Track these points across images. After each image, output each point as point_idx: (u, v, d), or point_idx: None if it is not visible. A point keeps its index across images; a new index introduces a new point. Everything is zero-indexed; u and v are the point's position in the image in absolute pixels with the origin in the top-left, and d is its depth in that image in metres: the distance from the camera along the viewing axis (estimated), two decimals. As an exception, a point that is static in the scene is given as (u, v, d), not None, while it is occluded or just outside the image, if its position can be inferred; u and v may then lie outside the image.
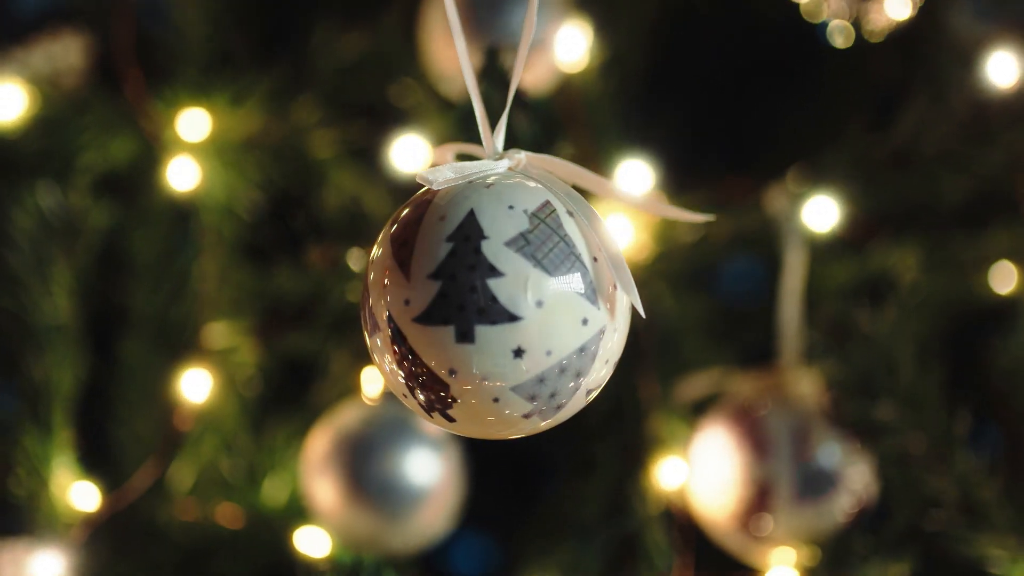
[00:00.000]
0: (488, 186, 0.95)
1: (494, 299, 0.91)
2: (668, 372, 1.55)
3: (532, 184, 0.96)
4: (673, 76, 1.94)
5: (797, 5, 1.57)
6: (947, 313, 1.69)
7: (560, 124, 1.31)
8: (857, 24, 1.57)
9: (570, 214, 0.95)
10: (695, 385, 1.54)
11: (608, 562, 1.45)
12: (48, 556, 1.48)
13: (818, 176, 1.51)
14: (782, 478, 1.44)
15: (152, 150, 1.64)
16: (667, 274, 1.54)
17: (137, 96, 1.62)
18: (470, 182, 0.95)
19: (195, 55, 1.68)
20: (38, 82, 1.69)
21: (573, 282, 0.93)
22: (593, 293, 0.93)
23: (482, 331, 0.91)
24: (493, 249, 0.91)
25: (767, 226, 1.54)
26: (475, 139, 1.02)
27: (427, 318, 0.92)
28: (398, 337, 0.93)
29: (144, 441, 1.68)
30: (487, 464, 1.51)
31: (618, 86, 1.67)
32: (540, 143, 1.21)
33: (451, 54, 1.48)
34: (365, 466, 1.38)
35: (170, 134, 1.62)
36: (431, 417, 0.96)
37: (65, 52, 1.73)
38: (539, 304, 0.91)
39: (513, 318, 0.90)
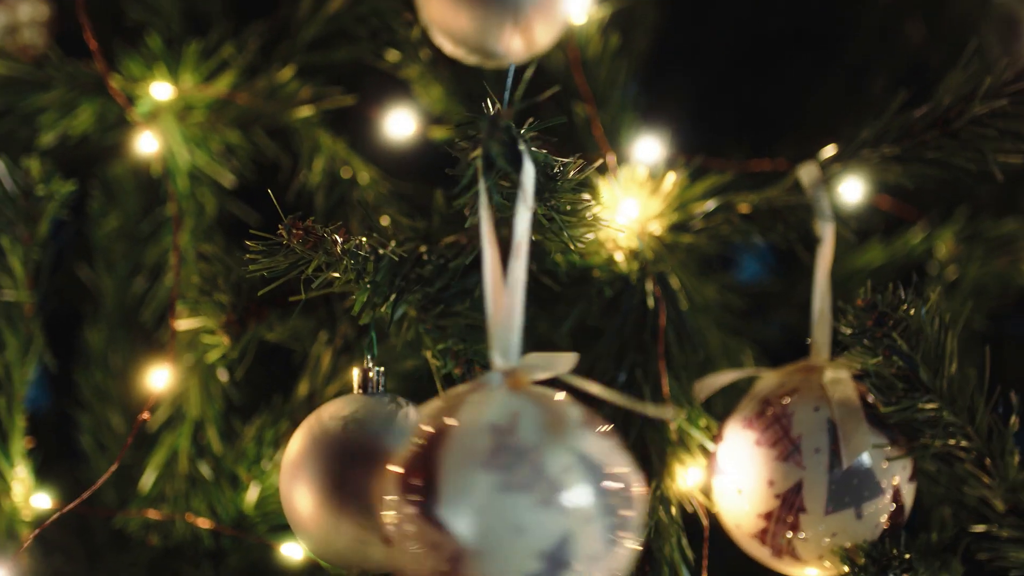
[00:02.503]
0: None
1: None
2: (685, 364, 1.49)
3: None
4: (689, 43, 1.94)
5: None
6: (987, 300, 1.68)
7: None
8: None
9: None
10: (716, 380, 1.48)
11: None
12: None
13: (854, 150, 1.45)
14: (813, 482, 1.37)
15: (121, 117, 1.60)
16: (684, 249, 1.50)
17: (101, 57, 1.57)
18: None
19: (165, 12, 1.65)
20: None
21: None
22: None
23: None
24: None
25: (797, 202, 1.48)
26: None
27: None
28: None
29: (112, 435, 1.67)
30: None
31: (623, 45, 1.65)
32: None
33: (447, 6, 1.45)
34: (349, 470, 1.27)
35: (139, 99, 1.57)
36: None
37: (26, 12, 1.73)
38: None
39: None
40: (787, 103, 2.02)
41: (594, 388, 1.15)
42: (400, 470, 1.12)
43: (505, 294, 1.13)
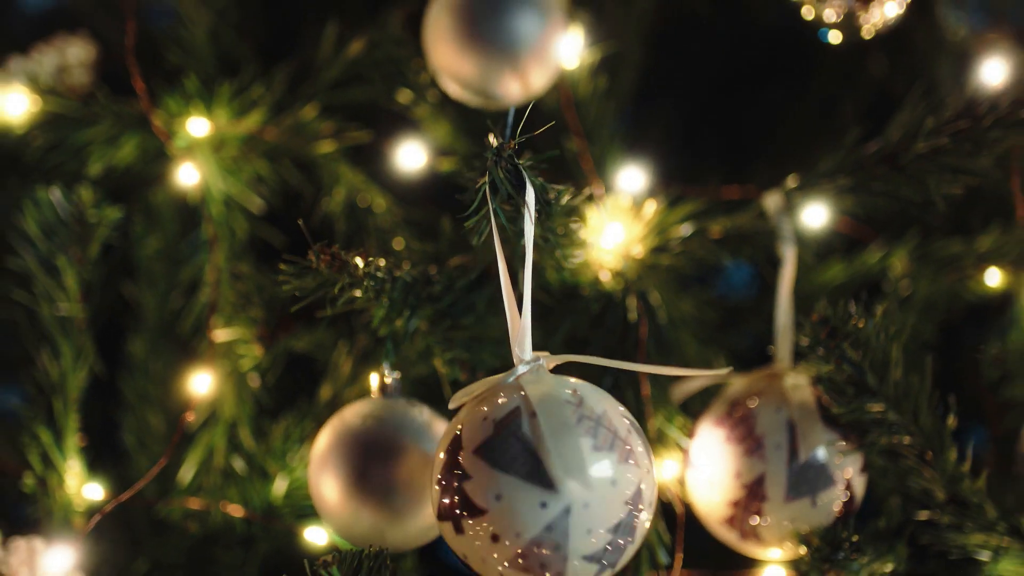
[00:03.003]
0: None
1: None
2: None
3: (528, 392, 1.25)
4: (671, 78, 2.01)
5: (792, 8, 1.60)
6: (937, 313, 1.74)
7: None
8: (852, 23, 1.59)
9: (545, 417, 1.23)
10: (691, 384, 1.56)
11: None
12: (60, 551, 1.48)
13: (812, 180, 1.54)
14: (775, 474, 1.46)
15: (160, 150, 1.68)
16: (663, 269, 1.58)
17: (145, 98, 1.65)
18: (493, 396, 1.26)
19: (201, 55, 1.72)
20: (48, 83, 1.74)
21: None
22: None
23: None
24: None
25: (763, 227, 1.58)
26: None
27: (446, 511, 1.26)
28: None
29: (152, 434, 1.74)
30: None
31: (610, 85, 1.73)
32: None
33: (453, 55, 1.55)
34: (369, 463, 1.38)
35: (178, 134, 1.66)
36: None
37: (74, 54, 1.78)
38: (499, 497, 1.22)
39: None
40: (762, 131, 2.07)
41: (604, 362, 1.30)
42: (480, 447, 1.23)
43: (518, 298, 1.25)
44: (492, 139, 1.24)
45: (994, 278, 1.71)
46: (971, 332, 1.83)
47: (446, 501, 1.24)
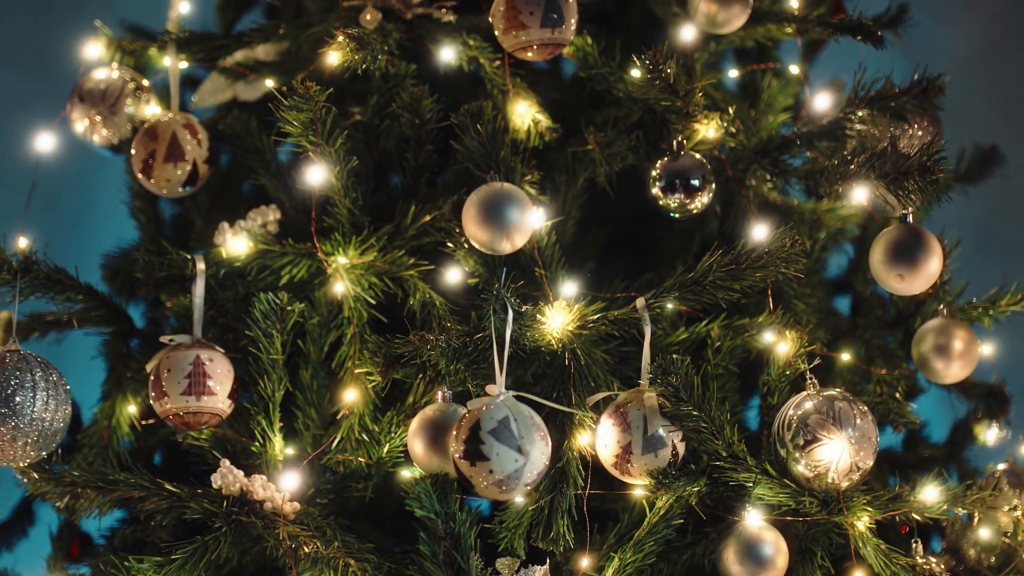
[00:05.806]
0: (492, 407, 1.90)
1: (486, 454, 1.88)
2: (583, 389, 2.14)
3: (509, 408, 1.87)
4: (595, 223, 2.57)
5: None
6: (736, 357, 2.33)
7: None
8: (685, 207, 2.27)
9: (518, 421, 1.88)
10: (597, 395, 2.11)
11: (552, 481, 2.08)
12: (288, 475, 2.14)
13: (660, 291, 2.13)
14: (636, 441, 2.06)
15: (321, 270, 2.27)
16: (584, 337, 2.11)
17: (315, 242, 2.23)
18: (485, 406, 1.90)
19: (341, 220, 2.28)
20: (257, 232, 2.34)
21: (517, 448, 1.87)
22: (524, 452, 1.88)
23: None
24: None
25: (634, 317, 2.13)
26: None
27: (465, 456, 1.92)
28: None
29: (313, 422, 2.31)
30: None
31: (558, 235, 2.26)
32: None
33: (476, 232, 2.12)
34: (439, 436, 2.04)
35: (331, 262, 2.24)
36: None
37: (270, 215, 2.40)
38: (498, 455, 1.88)
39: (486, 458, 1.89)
40: (648, 253, 2.59)
41: (540, 400, 1.96)
42: (465, 432, 1.86)
43: (501, 364, 1.91)
44: (494, 288, 1.96)
45: (766, 338, 2.29)
46: (759, 367, 2.29)
47: (468, 452, 1.90)
